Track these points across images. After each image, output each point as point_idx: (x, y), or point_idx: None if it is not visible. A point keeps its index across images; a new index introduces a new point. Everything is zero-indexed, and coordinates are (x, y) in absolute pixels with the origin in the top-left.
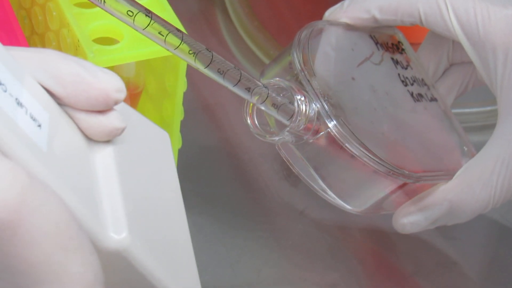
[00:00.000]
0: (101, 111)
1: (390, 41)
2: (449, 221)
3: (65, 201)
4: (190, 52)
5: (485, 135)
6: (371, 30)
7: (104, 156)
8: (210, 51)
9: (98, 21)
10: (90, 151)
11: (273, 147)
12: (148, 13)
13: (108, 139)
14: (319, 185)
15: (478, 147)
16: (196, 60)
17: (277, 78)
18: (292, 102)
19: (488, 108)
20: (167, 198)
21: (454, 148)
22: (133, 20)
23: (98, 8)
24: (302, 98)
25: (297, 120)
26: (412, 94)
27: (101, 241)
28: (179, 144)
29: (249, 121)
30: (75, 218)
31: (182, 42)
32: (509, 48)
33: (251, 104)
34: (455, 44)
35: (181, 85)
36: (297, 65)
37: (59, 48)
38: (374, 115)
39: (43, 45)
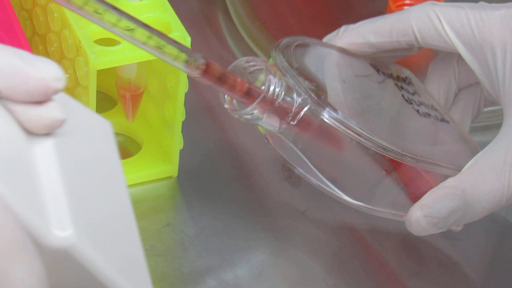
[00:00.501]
0: (40, 103)
1: (396, 73)
2: (465, 216)
3: (5, 200)
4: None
5: (488, 135)
6: (376, 62)
7: (45, 150)
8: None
9: None
10: (30, 145)
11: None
12: None
13: (48, 132)
14: (315, 175)
15: (482, 147)
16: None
17: (251, 57)
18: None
19: (491, 108)
20: (112, 191)
21: (464, 157)
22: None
23: None
24: (272, 77)
25: (267, 97)
26: (417, 111)
27: (45, 240)
28: (180, 145)
29: (225, 97)
30: (16, 219)
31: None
32: (506, 43)
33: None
34: (460, 67)
35: (183, 86)
36: (277, 57)
37: (60, 49)
38: (368, 110)
39: (44, 46)
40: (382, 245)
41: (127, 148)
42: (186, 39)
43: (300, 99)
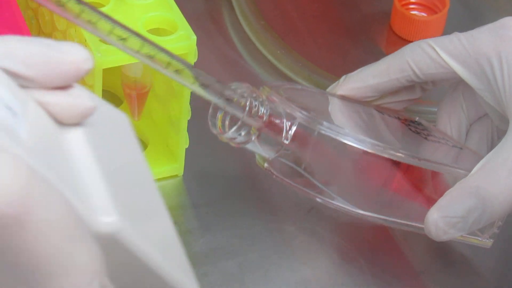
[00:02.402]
0: (70, 92)
1: (404, 117)
2: (484, 214)
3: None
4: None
5: None
6: (382, 109)
7: (77, 140)
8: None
9: None
10: (63, 137)
11: None
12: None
13: (79, 121)
14: (322, 190)
15: None
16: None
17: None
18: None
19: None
20: (141, 178)
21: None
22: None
23: (105, 8)
24: (253, 96)
25: (250, 114)
26: (425, 138)
27: (93, 227)
28: (186, 144)
29: (216, 121)
30: (73, 207)
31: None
32: (499, 51)
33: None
34: (467, 101)
35: None
36: (265, 88)
37: None
38: (371, 132)
39: None
40: (388, 243)
41: None
42: (191, 38)
43: (289, 121)
